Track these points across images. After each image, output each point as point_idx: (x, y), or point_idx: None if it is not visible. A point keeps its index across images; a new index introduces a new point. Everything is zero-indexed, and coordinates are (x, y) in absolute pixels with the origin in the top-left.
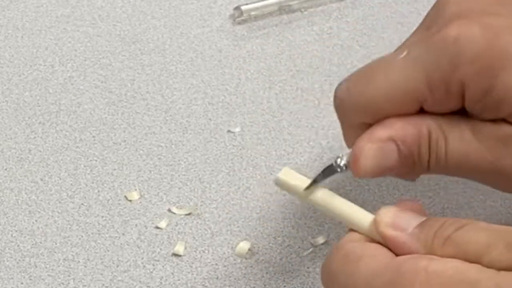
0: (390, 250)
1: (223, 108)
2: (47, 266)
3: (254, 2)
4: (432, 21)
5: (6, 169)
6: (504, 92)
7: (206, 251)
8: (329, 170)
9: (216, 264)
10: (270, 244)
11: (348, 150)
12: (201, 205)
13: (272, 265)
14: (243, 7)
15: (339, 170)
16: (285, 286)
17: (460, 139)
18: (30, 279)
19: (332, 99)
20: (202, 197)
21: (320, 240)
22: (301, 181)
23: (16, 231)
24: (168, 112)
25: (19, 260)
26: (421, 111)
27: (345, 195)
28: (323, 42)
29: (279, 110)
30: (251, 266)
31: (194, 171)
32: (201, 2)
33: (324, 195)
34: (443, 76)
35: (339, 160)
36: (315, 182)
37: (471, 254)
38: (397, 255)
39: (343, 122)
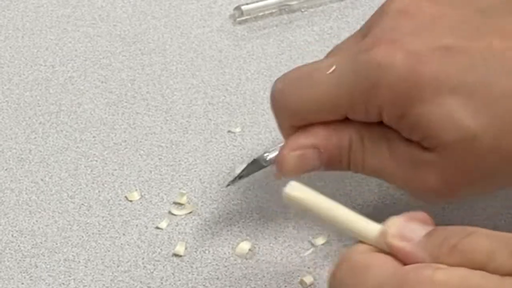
0: (397, 260)
1: (224, 108)
2: (48, 266)
3: (254, 2)
4: (369, 30)
5: (6, 169)
6: (417, 120)
7: (207, 251)
8: (256, 165)
9: (217, 264)
10: (271, 244)
11: (276, 147)
12: (201, 205)
13: (272, 265)
14: (243, 7)
15: (265, 164)
16: (285, 286)
17: (376, 154)
18: (31, 279)
19: None
20: (202, 197)
21: (321, 240)
22: (308, 195)
23: (16, 231)
24: (168, 112)
25: (20, 260)
26: (346, 119)
27: (346, 195)
28: (323, 42)
29: None
30: (252, 266)
31: (194, 171)
32: (201, 2)
33: (330, 207)
34: (363, 97)
35: (266, 154)
36: (241, 176)
37: (477, 262)
38: (404, 265)
39: (277, 119)
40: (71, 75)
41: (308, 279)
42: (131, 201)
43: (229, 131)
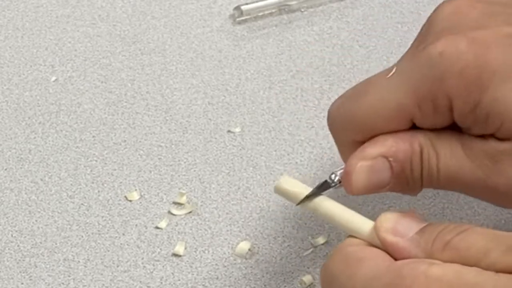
0: (390, 256)
1: (223, 108)
2: (47, 266)
3: (254, 2)
4: (422, 38)
5: (6, 169)
6: (492, 106)
7: (206, 251)
8: (324, 186)
9: (216, 264)
10: (270, 244)
11: (342, 166)
12: (201, 205)
13: (272, 265)
14: (243, 7)
15: (333, 185)
16: (285, 286)
17: (451, 156)
18: (30, 279)
19: (332, 99)
20: (202, 197)
21: (320, 240)
22: (301, 189)
23: (16, 231)
24: (168, 112)
25: (19, 260)
26: (413, 127)
27: (346, 195)
28: (323, 42)
29: (279, 110)
30: (251, 266)
31: (194, 171)
32: (201, 2)
33: (323, 203)
34: (430, 91)
35: (333, 176)
36: (310, 196)
37: (470, 259)
38: (396, 260)
39: (336, 139)
40: (71, 75)
41: (307, 279)
42: (130, 201)
43: (228, 131)
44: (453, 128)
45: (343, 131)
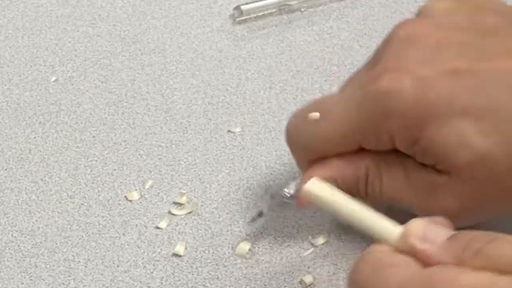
0: (419, 262)
1: (223, 108)
2: (47, 266)
3: (254, 2)
4: (377, 59)
5: (6, 169)
6: (428, 144)
7: (206, 251)
8: (276, 200)
9: (216, 264)
10: (271, 245)
11: (294, 181)
12: (201, 205)
13: (272, 265)
14: (243, 7)
15: (286, 200)
16: (285, 286)
17: (393, 180)
18: (31, 279)
19: None
20: (202, 197)
21: (320, 240)
22: (329, 193)
23: (16, 231)
24: (168, 112)
25: (19, 260)
26: (362, 149)
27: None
28: (323, 42)
29: (279, 110)
30: (252, 267)
31: (194, 171)
32: (201, 2)
33: (350, 206)
34: (375, 126)
35: (286, 190)
36: (260, 215)
37: (502, 267)
38: (426, 267)
39: (294, 156)
40: (71, 75)
41: (308, 279)
42: (130, 201)
43: (228, 131)
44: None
45: (299, 151)
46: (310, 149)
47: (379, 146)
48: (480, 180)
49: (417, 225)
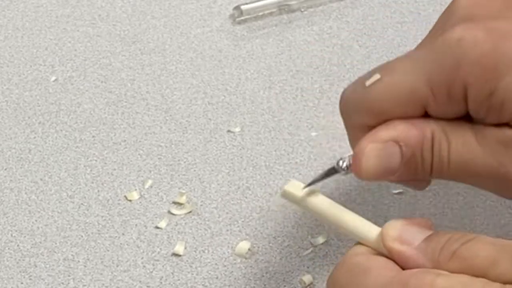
0: (396, 264)
1: (223, 108)
2: (47, 266)
3: (254, 2)
4: (440, 26)
5: (6, 169)
6: (507, 94)
7: (206, 251)
8: (331, 171)
9: (216, 264)
10: (270, 244)
11: (351, 152)
12: (201, 205)
13: (272, 265)
14: (243, 7)
15: (341, 171)
16: (284, 285)
17: (463, 143)
18: (30, 279)
19: (332, 99)
20: (202, 197)
21: (320, 240)
22: (307, 193)
23: (16, 231)
24: (168, 112)
25: (19, 260)
26: (425, 116)
27: (346, 195)
28: (323, 42)
29: (279, 110)
30: (251, 266)
31: (194, 171)
32: (201, 2)
33: (329, 207)
34: (446, 78)
35: (341, 162)
36: (315, 182)
37: (478, 269)
38: (403, 268)
39: (347, 123)
40: (71, 75)
41: (307, 279)
42: (130, 201)
43: (228, 131)
44: (466, 119)
45: (355, 114)
46: (369, 111)
47: (449, 104)
48: None
49: (393, 226)
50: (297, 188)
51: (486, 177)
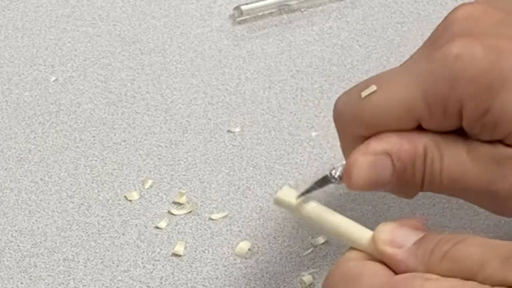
0: (388, 268)
1: (223, 108)
2: (47, 266)
3: (254, 2)
4: (438, 37)
5: (6, 169)
6: (501, 113)
7: (206, 251)
8: (324, 181)
9: (216, 264)
10: (270, 244)
11: (343, 161)
12: (201, 205)
13: (272, 265)
14: (243, 7)
15: (333, 181)
16: (284, 285)
17: (455, 159)
18: (30, 279)
19: (332, 99)
20: (202, 197)
21: (320, 240)
22: (300, 200)
23: (16, 231)
24: (168, 112)
25: (19, 260)
26: (419, 128)
27: (345, 195)
28: (323, 42)
29: (279, 110)
30: (251, 266)
31: (194, 171)
32: (201, 2)
33: (322, 213)
34: (441, 93)
35: (333, 171)
36: (308, 191)
37: (468, 270)
38: (395, 272)
39: (341, 133)
40: (71, 75)
41: (307, 279)
42: (130, 201)
43: (228, 131)
44: (459, 133)
45: (348, 124)
46: (363, 122)
47: (443, 120)
48: None
49: (384, 229)
50: (289, 194)
51: (477, 193)
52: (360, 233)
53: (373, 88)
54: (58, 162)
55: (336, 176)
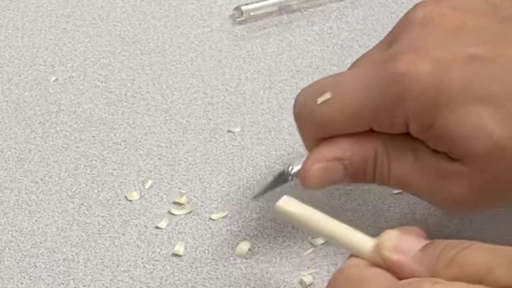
0: (393, 274)
1: (223, 108)
2: (47, 266)
3: (254, 2)
4: (394, 38)
5: (6, 169)
6: (444, 130)
7: (206, 251)
8: (281, 177)
9: (216, 264)
10: (270, 244)
11: (298, 159)
12: (201, 205)
13: (272, 265)
14: (243, 7)
15: (289, 178)
16: (284, 286)
17: (402, 165)
18: (30, 279)
19: None
20: (202, 197)
21: (320, 240)
22: (302, 209)
23: (16, 231)
24: (168, 112)
25: (19, 260)
26: (372, 130)
27: (345, 195)
28: (323, 42)
29: (279, 110)
30: (251, 266)
31: (194, 171)
32: (201, 2)
33: (324, 222)
34: (389, 108)
35: (290, 167)
36: (268, 188)
37: (474, 275)
38: (400, 279)
39: (301, 131)
40: (71, 75)
41: (307, 279)
42: (130, 200)
43: (228, 131)
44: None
45: (307, 127)
46: (319, 128)
47: (392, 129)
48: (494, 170)
49: (389, 236)
50: (289, 204)
51: (422, 197)
52: (362, 240)
53: (327, 95)
54: (58, 162)
55: (291, 173)
